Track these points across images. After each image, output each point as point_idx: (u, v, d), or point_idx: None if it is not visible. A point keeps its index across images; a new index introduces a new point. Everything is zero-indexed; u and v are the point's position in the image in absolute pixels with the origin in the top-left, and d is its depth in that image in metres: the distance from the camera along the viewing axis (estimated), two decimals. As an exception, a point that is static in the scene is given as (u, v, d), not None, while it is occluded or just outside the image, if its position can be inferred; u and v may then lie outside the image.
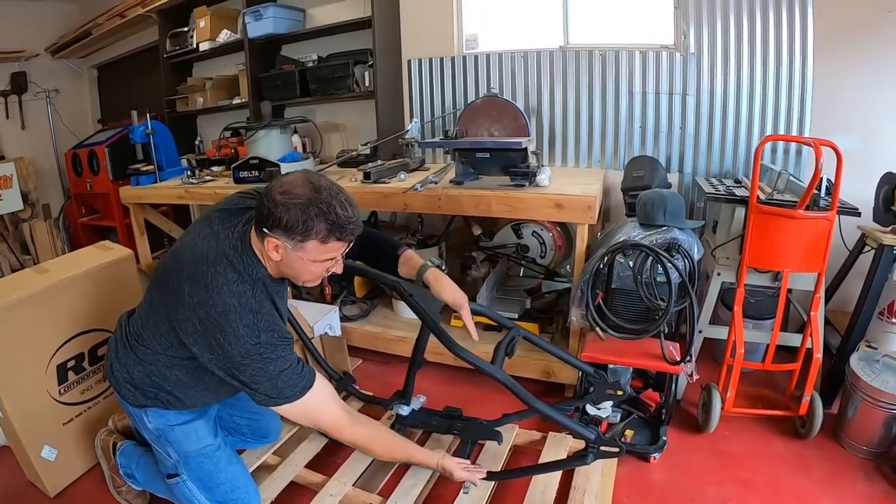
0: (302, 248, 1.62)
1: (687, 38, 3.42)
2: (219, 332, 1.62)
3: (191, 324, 1.66)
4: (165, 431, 1.96)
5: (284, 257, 1.66)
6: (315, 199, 1.58)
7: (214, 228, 1.78)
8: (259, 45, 4.52)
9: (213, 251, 1.70)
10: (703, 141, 3.54)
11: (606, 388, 2.37)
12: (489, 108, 3.26)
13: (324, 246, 1.64)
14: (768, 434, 2.77)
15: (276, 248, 1.64)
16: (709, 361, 3.31)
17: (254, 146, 3.84)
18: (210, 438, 2.02)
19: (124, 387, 1.92)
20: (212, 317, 1.62)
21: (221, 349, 1.63)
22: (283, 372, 1.67)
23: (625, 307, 2.66)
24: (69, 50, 6.00)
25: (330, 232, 1.61)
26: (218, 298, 1.62)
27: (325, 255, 1.67)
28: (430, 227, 4.05)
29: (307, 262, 1.67)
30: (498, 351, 2.10)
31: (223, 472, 2.00)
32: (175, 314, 1.71)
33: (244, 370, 1.64)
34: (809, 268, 2.58)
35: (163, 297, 1.78)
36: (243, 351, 1.62)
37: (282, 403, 1.71)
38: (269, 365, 1.65)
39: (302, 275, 1.74)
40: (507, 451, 2.48)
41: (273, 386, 1.67)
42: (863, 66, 3.18)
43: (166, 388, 1.89)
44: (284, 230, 1.59)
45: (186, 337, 1.70)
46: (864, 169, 2.85)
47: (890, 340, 2.93)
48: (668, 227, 2.63)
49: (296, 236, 1.60)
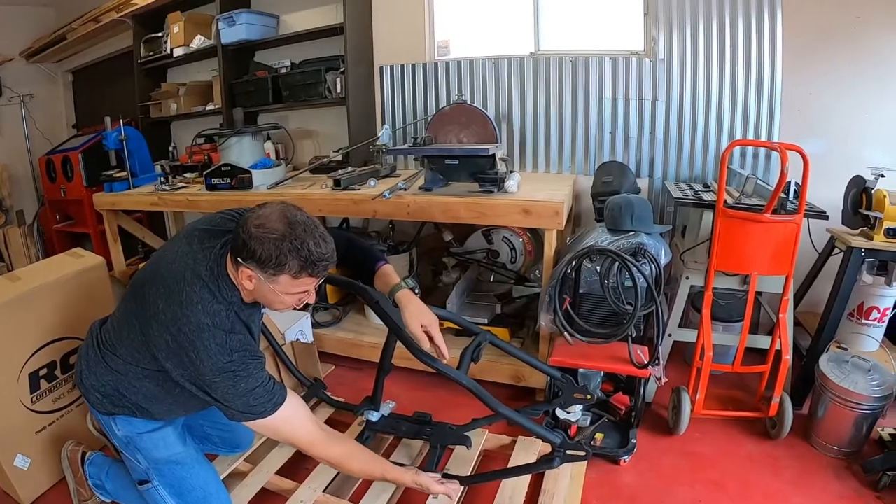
0: (274, 280, 1.64)
1: (657, 44, 3.46)
2: (191, 349, 1.62)
3: (163, 340, 1.66)
4: (134, 439, 1.95)
5: (257, 288, 1.68)
6: (289, 234, 1.59)
7: (193, 248, 1.77)
8: (232, 51, 4.50)
9: (189, 271, 1.71)
10: (672, 146, 3.57)
11: (574, 393, 2.38)
12: (458, 114, 3.27)
13: (296, 281, 1.65)
14: (739, 435, 2.79)
15: (249, 278, 1.65)
16: (680, 364, 3.32)
17: (226, 153, 3.82)
18: (179, 446, 2.01)
19: (93, 394, 1.91)
20: (184, 334, 1.62)
21: (193, 365, 1.64)
22: (254, 389, 1.66)
23: (592, 312, 2.68)
24: (44, 54, 5.93)
25: (302, 268, 1.62)
26: (192, 317, 1.63)
27: (297, 288, 1.69)
28: (402, 233, 4.06)
29: (279, 293, 1.68)
30: (464, 356, 2.10)
31: (195, 479, 1.99)
32: (148, 329, 1.70)
33: (216, 387, 1.65)
34: (777, 271, 2.60)
35: (137, 310, 1.77)
36: (215, 368, 1.62)
37: (252, 419, 1.69)
38: (240, 382, 1.64)
39: (274, 304, 1.76)
40: (476, 455, 2.48)
41: (244, 403, 1.66)
42: (831, 72, 3.23)
43: (135, 400, 1.89)
44: (258, 262, 1.60)
45: (159, 352, 1.70)
46: (833, 173, 2.90)
47: (860, 341, 2.97)
48: (636, 232, 2.65)
49: (269, 270, 1.61)
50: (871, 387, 2.50)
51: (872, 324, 2.98)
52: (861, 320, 2.99)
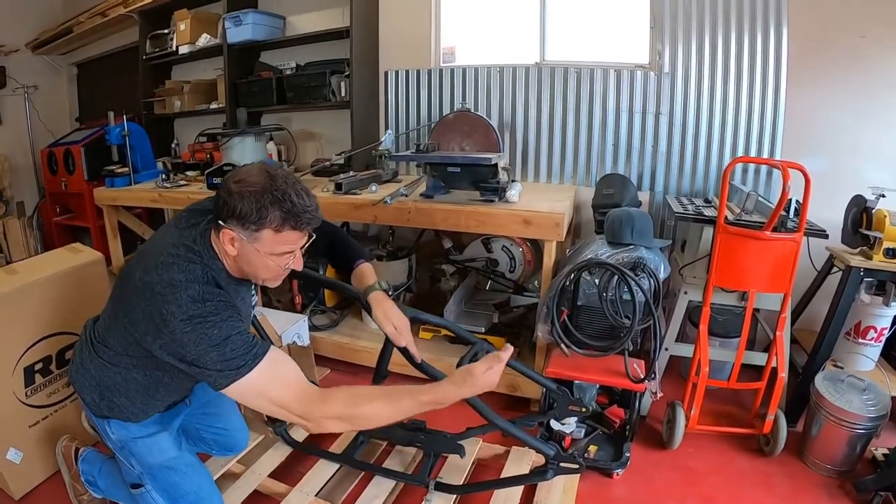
0: (256, 238, 1.56)
1: (662, 57, 3.46)
2: (163, 306, 1.51)
3: (139, 309, 1.56)
4: (128, 443, 1.91)
5: (240, 251, 1.61)
6: (269, 186, 1.53)
7: (179, 227, 1.73)
8: (238, 50, 4.50)
9: (170, 244, 1.64)
10: (674, 160, 3.58)
11: (569, 405, 2.37)
12: (461, 122, 3.27)
13: (279, 235, 1.57)
14: (732, 451, 2.79)
15: (231, 240, 1.59)
16: (676, 378, 3.33)
17: (228, 152, 3.81)
18: (174, 451, 1.97)
19: (88, 395, 1.87)
20: (157, 293, 1.52)
21: (166, 325, 1.50)
22: (230, 337, 1.52)
23: (590, 324, 2.67)
24: (50, 46, 5.92)
25: (285, 220, 1.55)
26: (164, 274, 1.55)
27: (280, 245, 1.60)
28: (402, 238, 4.05)
29: (263, 254, 1.60)
30: (460, 366, 2.09)
31: (188, 484, 1.96)
32: (128, 305, 1.63)
33: (188, 343, 1.50)
34: (776, 288, 2.61)
35: (121, 293, 1.71)
36: (185, 318, 1.49)
37: (234, 378, 1.50)
38: (212, 329, 1.50)
39: (259, 270, 1.68)
40: (469, 464, 2.47)
41: (220, 355, 1.50)
42: (835, 90, 3.23)
43: (130, 396, 1.83)
44: (239, 219, 1.54)
45: (137, 328, 1.59)
46: (833, 191, 2.90)
47: (856, 360, 2.97)
48: (636, 246, 2.65)
49: (250, 226, 1.54)
50: (865, 406, 2.50)
51: (869, 343, 2.98)
52: (858, 339, 2.98)
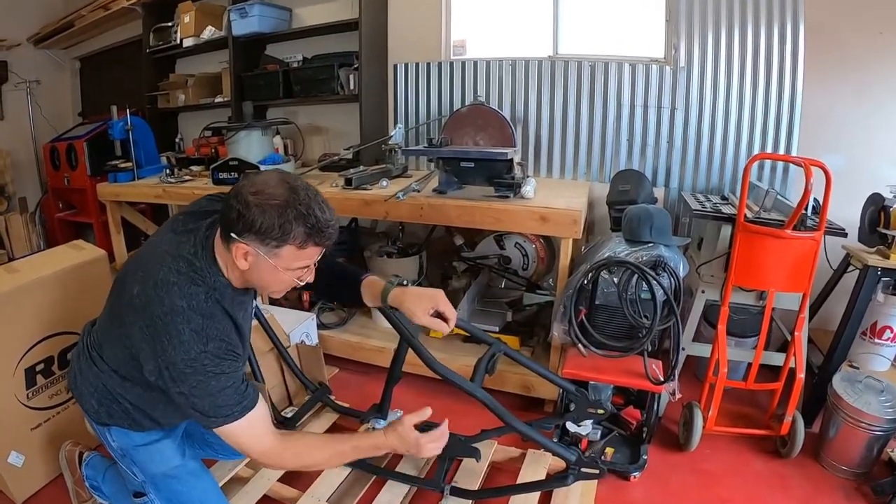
0: (276, 254, 1.47)
1: (677, 51, 3.41)
2: (164, 336, 1.44)
3: (137, 328, 1.50)
4: (130, 451, 1.83)
5: (254, 266, 1.50)
6: (293, 200, 1.43)
7: (177, 232, 1.63)
8: (243, 43, 4.45)
9: (169, 254, 1.55)
10: (689, 156, 3.52)
11: (588, 407, 2.33)
12: (475, 116, 3.22)
13: (301, 252, 1.49)
14: (748, 453, 2.76)
15: (245, 255, 1.48)
16: (689, 378, 3.28)
17: (234, 147, 3.77)
18: (177, 459, 1.89)
19: (87, 401, 1.78)
20: (158, 317, 1.45)
21: (165, 355, 1.45)
22: (224, 390, 1.49)
23: (608, 324, 2.63)
24: (52, 40, 5.87)
25: (308, 236, 1.46)
26: (166, 298, 1.46)
27: (300, 262, 1.53)
28: (412, 235, 3.99)
29: (280, 270, 1.51)
30: (478, 368, 2.04)
31: (192, 492, 1.89)
32: (123, 319, 1.56)
33: (184, 381, 1.46)
34: (795, 288, 2.57)
35: (117, 301, 1.63)
36: (186, 358, 1.44)
37: (216, 423, 1.52)
38: (211, 380, 1.47)
39: (271, 285, 1.60)
40: (485, 467, 2.43)
41: (211, 403, 1.48)
42: (851, 87, 3.20)
43: (129, 406, 1.75)
44: (258, 234, 1.43)
45: (133, 345, 1.54)
46: (849, 189, 2.85)
47: (871, 361, 2.95)
48: (654, 244, 2.60)
49: (270, 242, 1.44)
50: (883, 408, 2.47)
51: (885, 343, 2.96)
52: (874, 339, 2.96)
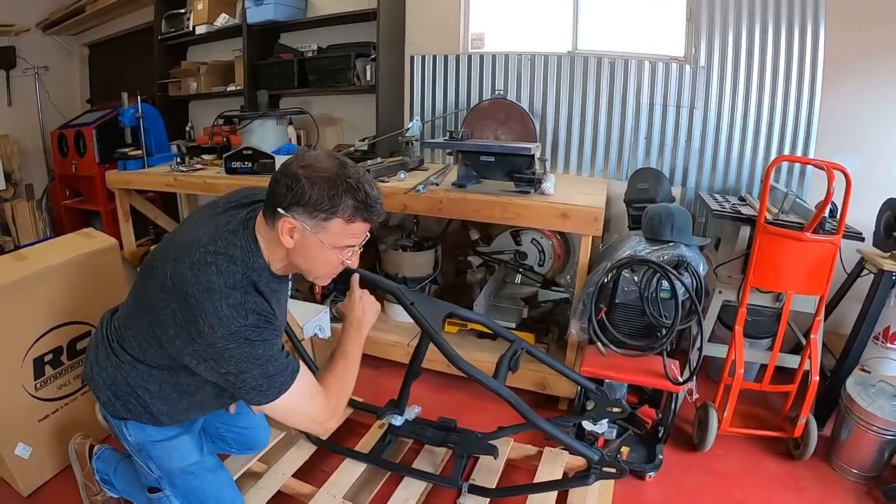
0: (324, 228, 1.44)
1: (698, 50, 3.38)
2: (200, 316, 1.39)
3: (169, 311, 1.44)
4: (147, 447, 1.78)
5: (300, 243, 1.47)
6: (343, 174, 1.42)
7: (215, 215, 1.60)
8: (258, 31, 4.40)
9: (206, 235, 1.51)
10: (707, 156, 3.51)
11: (607, 406, 2.31)
12: (496, 110, 3.20)
13: (348, 227, 1.46)
14: (761, 454, 2.77)
15: (291, 231, 1.45)
16: (703, 378, 3.29)
17: (247, 136, 3.75)
18: (196, 455, 1.85)
19: (103, 393, 1.73)
20: (192, 297, 1.40)
21: (202, 337, 1.40)
22: (273, 357, 1.46)
23: (627, 323, 2.62)
24: (61, 26, 5.81)
25: (357, 210, 1.44)
26: (202, 276, 1.42)
27: (347, 238, 1.49)
28: (426, 228, 3.97)
29: (326, 247, 1.47)
30: (501, 365, 2.03)
31: (210, 489, 1.85)
32: (153, 304, 1.49)
33: (229, 358, 1.42)
34: (812, 290, 2.57)
35: (145, 287, 1.56)
36: (227, 333, 1.39)
37: (274, 396, 1.47)
38: (257, 349, 1.43)
39: (316, 266, 1.56)
40: (501, 465, 2.42)
41: (263, 373, 1.44)
42: (871, 90, 3.18)
43: (148, 401, 1.67)
44: (306, 207, 1.41)
45: (164, 331, 1.47)
46: (865, 192, 2.82)
47: (884, 365, 2.93)
48: (675, 243, 2.59)
49: (319, 214, 1.42)
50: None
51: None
52: (886, 344, 2.94)
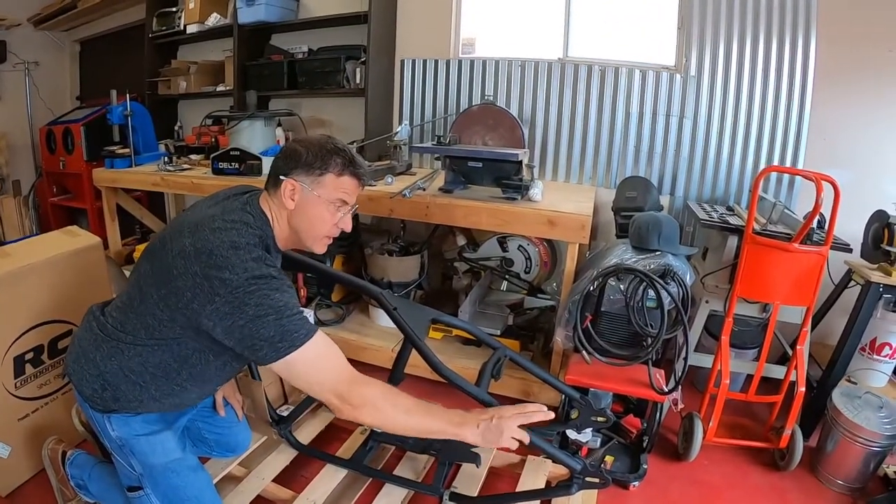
0: (319, 183, 1.69)
1: (689, 60, 3.39)
2: (226, 268, 1.47)
3: (189, 274, 1.49)
4: (130, 442, 1.78)
5: (300, 202, 1.69)
6: (330, 140, 1.73)
7: (219, 203, 1.74)
8: (248, 31, 4.39)
9: (218, 212, 1.64)
10: (696, 165, 3.52)
11: (591, 415, 2.29)
12: (485, 115, 3.19)
13: (339, 180, 1.70)
14: (747, 465, 2.76)
15: (292, 192, 1.68)
16: (688, 389, 3.28)
17: (235, 136, 3.73)
18: (178, 452, 1.85)
19: (89, 386, 1.73)
20: (217, 254, 1.49)
21: (225, 286, 1.46)
22: (289, 307, 1.50)
23: (613, 331, 2.61)
24: (53, 22, 5.77)
25: (345, 166, 1.70)
26: (225, 237, 1.53)
27: (339, 192, 1.72)
28: (413, 233, 3.94)
29: (322, 201, 1.70)
30: (483, 373, 2.02)
31: (190, 488, 1.84)
32: (169, 274, 1.53)
33: (248, 303, 1.46)
34: (799, 301, 2.56)
35: (154, 265, 1.62)
36: (250, 277, 1.47)
37: (288, 350, 1.48)
38: (275, 293, 1.49)
39: (314, 224, 1.74)
40: (484, 473, 2.40)
41: (278, 322, 1.47)
42: (860, 103, 3.20)
43: (142, 384, 1.69)
44: (303, 167, 1.68)
45: (180, 298, 1.52)
46: (853, 204, 2.82)
47: (869, 376, 2.94)
48: (662, 252, 2.58)
49: (314, 171, 1.68)
50: (881, 424, 2.47)
51: (883, 360, 2.96)
52: (872, 355, 2.96)
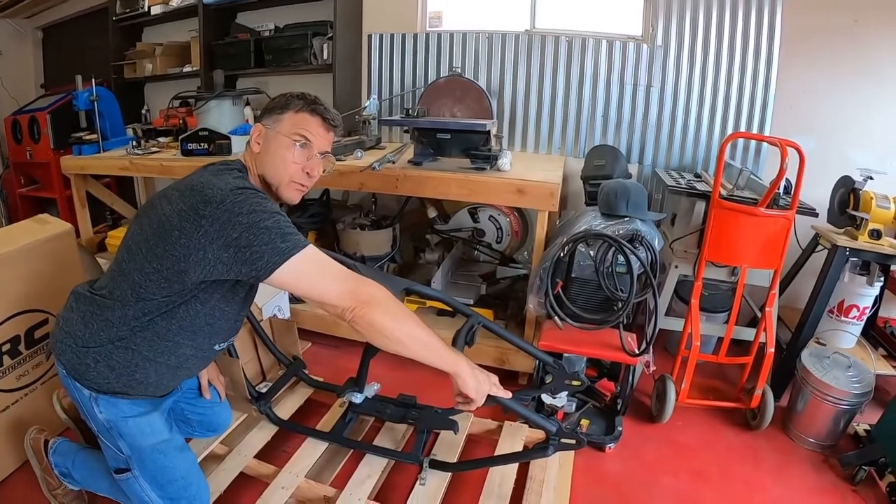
0: (279, 120, 1.75)
1: (655, 30, 3.42)
2: (209, 189, 1.53)
3: (175, 214, 1.52)
4: (117, 424, 1.76)
5: (264, 144, 1.77)
6: (299, 92, 1.80)
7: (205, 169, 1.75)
8: (214, 10, 4.34)
9: (207, 172, 1.68)
10: (664, 133, 3.56)
11: (565, 379, 2.32)
12: (453, 87, 3.18)
13: (297, 116, 1.75)
14: (720, 425, 2.82)
15: (258, 136, 1.78)
16: (660, 352, 3.35)
17: (204, 117, 3.68)
18: (166, 433, 1.85)
19: (82, 362, 1.70)
20: (199, 187, 1.55)
21: (209, 203, 1.49)
22: (280, 212, 1.57)
23: (584, 297, 2.64)
24: (13, 9, 5.62)
25: (304, 105, 1.76)
26: (215, 181, 1.58)
27: (297, 128, 1.75)
28: (385, 207, 3.95)
29: (282, 137, 1.73)
30: (457, 340, 2.02)
31: (178, 468, 1.84)
32: (159, 221, 1.55)
33: (240, 212, 1.48)
34: (766, 264, 2.61)
35: (143, 222, 1.63)
36: (234, 188, 1.54)
37: (290, 253, 1.48)
38: (265, 202, 1.56)
39: (277, 164, 1.76)
40: (462, 440, 2.43)
41: (275, 224, 1.50)
42: (825, 72, 3.26)
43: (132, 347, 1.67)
44: (268, 111, 1.78)
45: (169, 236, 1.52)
46: (819, 171, 2.89)
47: (838, 338, 3.03)
48: (631, 218, 2.61)
49: (276, 113, 1.76)
50: (850, 383, 2.53)
51: (851, 321, 3.05)
52: (840, 317, 3.04)
